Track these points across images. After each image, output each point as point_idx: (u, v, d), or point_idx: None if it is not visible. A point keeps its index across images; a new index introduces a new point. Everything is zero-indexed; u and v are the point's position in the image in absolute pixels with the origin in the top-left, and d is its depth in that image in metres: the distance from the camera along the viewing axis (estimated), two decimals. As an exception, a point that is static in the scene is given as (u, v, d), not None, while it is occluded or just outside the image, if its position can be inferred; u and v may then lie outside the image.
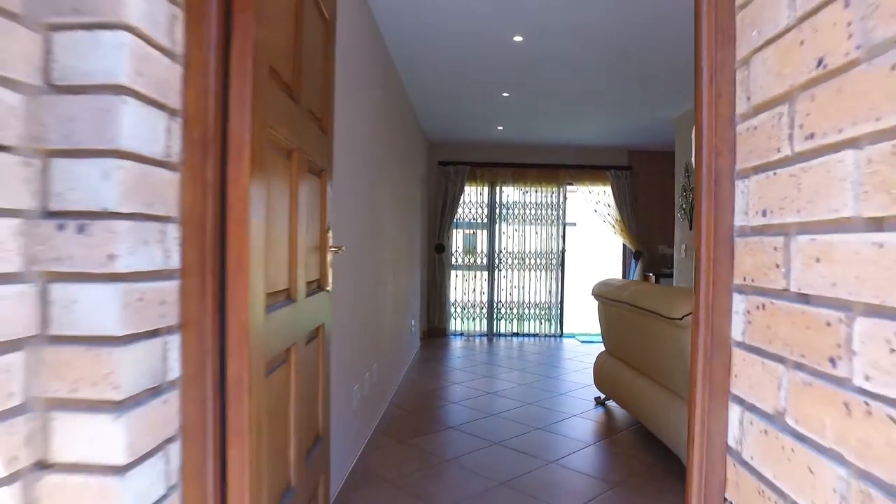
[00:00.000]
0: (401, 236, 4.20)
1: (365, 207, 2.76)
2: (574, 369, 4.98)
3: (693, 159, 0.92)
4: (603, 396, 3.84)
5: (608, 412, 3.69)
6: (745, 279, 0.79)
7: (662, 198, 6.01)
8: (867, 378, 0.54)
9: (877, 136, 0.53)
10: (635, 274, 6.29)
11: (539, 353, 5.72)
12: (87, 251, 0.75)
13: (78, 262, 0.75)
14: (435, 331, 6.35)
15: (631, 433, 3.25)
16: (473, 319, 6.59)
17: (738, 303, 0.81)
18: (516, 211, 6.57)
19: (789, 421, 0.67)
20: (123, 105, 0.75)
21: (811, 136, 0.64)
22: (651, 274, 6.02)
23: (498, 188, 6.53)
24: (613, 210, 6.36)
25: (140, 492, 0.79)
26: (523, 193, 6.54)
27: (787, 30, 0.69)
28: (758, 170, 0.76)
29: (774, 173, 0.72)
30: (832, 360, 0.59)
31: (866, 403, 0.54)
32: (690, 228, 4.94)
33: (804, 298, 0.65)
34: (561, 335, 6.58)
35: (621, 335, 3.35)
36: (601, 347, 3.95)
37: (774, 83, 0.72)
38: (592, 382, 3.97)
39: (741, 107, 0.81)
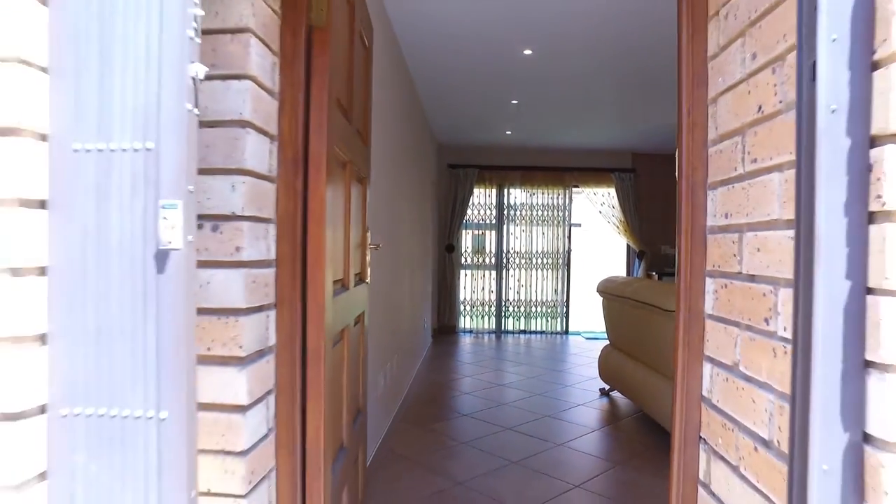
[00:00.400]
0: (415, 236, 4.45)
1: (386, 209, 3.02)
2: (579, 364, 5.22)
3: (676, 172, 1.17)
4: (607, 387, 4.08)
5: (612, 402, 3.94)
6: (713, 266, 1.05)
7: (665, 199, 6.25)
8: (784, 329, 0.79)
9: (789, 164, 0.78)
10: (639, 273, 6.52)
11: (546, 348, 5.96)
12: (220, 245, 1.01)
13: (213, 253, 1.01)
14: (445, 328, 6.60)
15: (633, 420, 3.50)
16: (482, 317, 6.85)
17: (709, 284, 1.06)
18: (523, 212, 6.82)
19: (741, 368, 0.92)
20: (247, 135, 1.01)
21: (755, 160, 0.89)
22: (654, 273, 6.26)
23: (506, 190, 6.78)
24: (618, 211, 6.61)
25: (254, 428, 1.05)
26: (530, 195, 6.79)
27: (741, 81, 0.94)
28: (722, 183, 1.02)
29: (733, 186, 0.97)
30: (766, 320, 0.84)
31: (784, 347, 0.79)
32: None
33: (751, 278, 0.90)
34: (566, 332, 6.82)
35: (624, 328, 3.60)
36: (605, 343, 4.20)
37: (732, 120, 0.97)
38: (597, 375, 4.21)
39: (711, 134, 1.07)
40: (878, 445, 0.60)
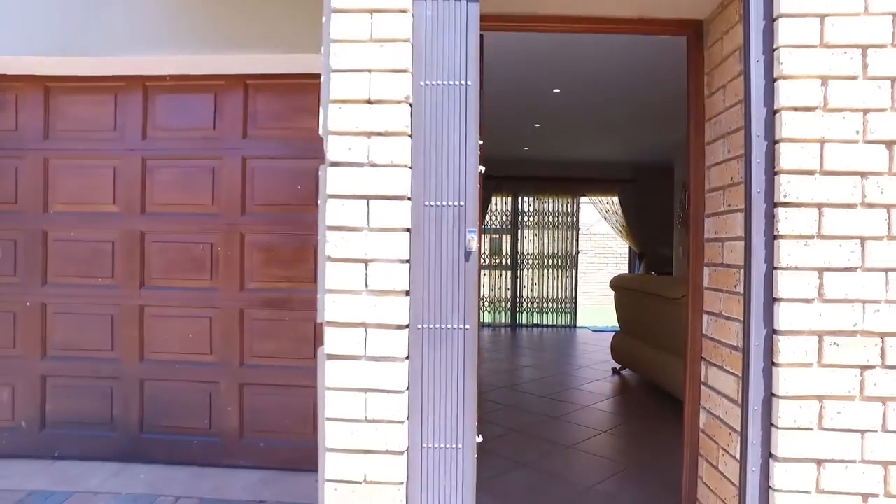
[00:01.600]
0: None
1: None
2: (590, 350, 6.08)
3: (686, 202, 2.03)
4: (619, 367, 4.94)
5: (623, 378, 4.80)
6: (708, 260, 1.90)
7: (661, 207, 7.14)
8: (741, 290, 1.64)
9: (742, 210, 1.63)
10: (639, 272, 7.41)
11: (558, 339, 6.83)
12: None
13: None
14: (466, 322, 7.42)
15: (640, 390, 4.37)
16: (499, 312, 7.69)
17: (706, 270, 1.92)
18: (536, 218, 7.68)
19: (724, 313, 1.77)
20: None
21: (729, 205, 1.74)
22: (653, 272, 7.15)
23: (520, 198, 7.64)
24: (620, 217, 7.49)
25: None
26: (542, 203, 7.65)
27: (722, 162, 1.79)
28: (713, 215, 1.87)
29: (718, 217, 1.82)
30: (735, 286, 1.69)
31: (741, 298, 1.64)
32: (687, 234, 6.06)
33: (727, 266, 1.75)
34: (575, 326, 7.69)
35: (635, 315, 4.46)
36: (610, 336, 5.06)
37: (717, 182, 1.82)
38: (608, 359, 5.07)
39: (706, 187, 1.92)
40: (780, 333, 1.46)
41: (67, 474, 2.74)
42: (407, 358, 1.50)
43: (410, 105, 1.49)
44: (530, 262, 7.69)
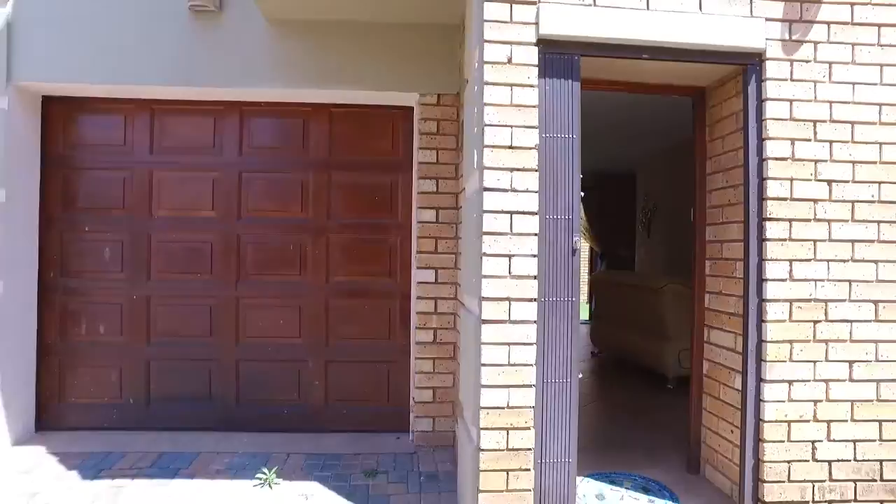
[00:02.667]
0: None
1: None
2: (567, 338, 6.99)
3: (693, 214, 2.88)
4: (597, 350, 5.86)
5: (600, 359, 5.72)
6: (709, 256, 2.76)
7: (623, 212, 8.20)
8: (739, 275, 2.50)
9: (741, 220, 2.49)
10: (601, 270, 8.44)
11: (535, 330, 7.71)
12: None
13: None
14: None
15: (615, 367, 5.29)
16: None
17: (707, 264, 2.78)
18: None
19: (723, 292, 2.63)
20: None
21: (727, 219, 2.60)
22: (614, 270, 8.19)
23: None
24: (584, 221, 8.49)
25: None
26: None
27: (719, 188, 2.66)
28: (712, 224, 2.73)
29: (717, 226, 2.69)
30: (733, 272, 2.55)
31: (738, 280, 2.49)
32: (648, 237, 7.11)
33: (726, 259, 2.61)
34: (545, 318, 8.60)
35: (619, 305, 5.38)
36: (585, 323, 5.97)
37: (717, 202, 2.69)
38: (585, 344, 5.98)
39: (708, 204, 2.78)
40: (767, 301, 2.32)
41: (180, 441, 3.24)
42: (535, 322, 2.22)
43: (537, 150, 2.22)
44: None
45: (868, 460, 2.37)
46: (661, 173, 6.74)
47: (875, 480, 2.37)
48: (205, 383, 3.41)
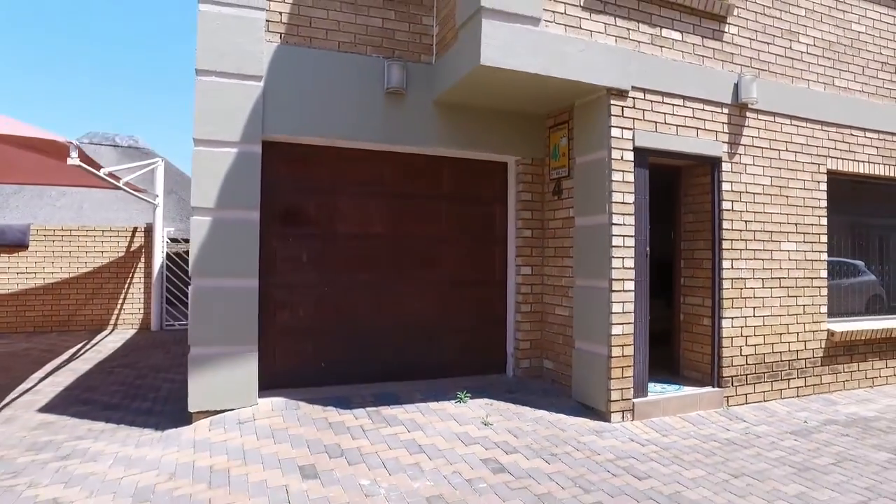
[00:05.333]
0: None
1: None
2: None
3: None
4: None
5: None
6: (682, 258, 5.24)
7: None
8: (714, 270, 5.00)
9: (705, 248, 4.98)
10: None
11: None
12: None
13: (609, 255, 4.75)
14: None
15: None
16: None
17: (682, 264, 5.25)
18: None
19: (694, 276, 5.11)
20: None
21: (696, 242, 5.09)
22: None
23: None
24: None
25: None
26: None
27: (693, 223, 5.15)
28: (685, 247, 5.21)
29: (690, 248, 5.17)
30: (702, 265, 5.04)
31: (706, 271, 4.98)
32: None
33: (699, 261, 5.09)
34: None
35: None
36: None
37: (691, 231, 5.18)
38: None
39: (682, 232, 5.27)
40: (724, 279, 4.83)
41: (374, 387, 4.78)
42: (633, 290, 4.40)
43: (634, 204, 4.41)
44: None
45: (763, 352, 5.02)
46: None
47: (762, 363, 5.03)
48: (374, 348, 4.93)
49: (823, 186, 5.37)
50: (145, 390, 5.34)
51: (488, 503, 3.08)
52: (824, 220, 5.37)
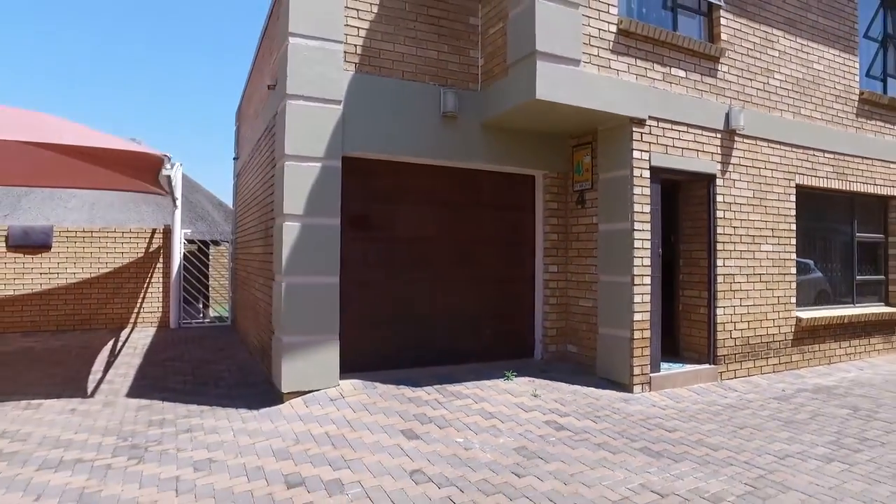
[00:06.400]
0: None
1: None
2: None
3: (672, 239, 6.38)
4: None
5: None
6: (682, 261, 6.28)
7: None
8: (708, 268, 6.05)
9: (702, 249, 6.03)
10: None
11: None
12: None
13: (626, 255, 5.72)
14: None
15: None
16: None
17: (682, 262, 6.29)
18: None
19: (693, 273, 6.16)
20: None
21: (693, 246, 6.13)
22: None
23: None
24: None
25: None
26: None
27: (691, 228, 6.19)
28: (685, 248, 6.25)
29: (689, 249, 6.22)
30: (700, 263, 6.09)
31: (703, 270, 6.03)
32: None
33: (697, 260, 6.14)
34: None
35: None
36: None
37: (690, 234, 6.22)
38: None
39: (682, 237, 6.31)
40: (718, 275, 5.89)
41: (429, 370, 5.56)
42: (650, 284, 5.37)
43: (650, 213, 5.38)
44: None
45: (748, 335, 6.11)
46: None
47: (747, 345, 6.12)
48: (428, 336, 5.72)
49: (793, 198, 6.54)
50: (208, 379, 5.93)
51: (562, 451, 3.95)
52: (794, 226, 6.54)
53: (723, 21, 5.99)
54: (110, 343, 7.94)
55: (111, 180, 7.68)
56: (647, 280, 5.38)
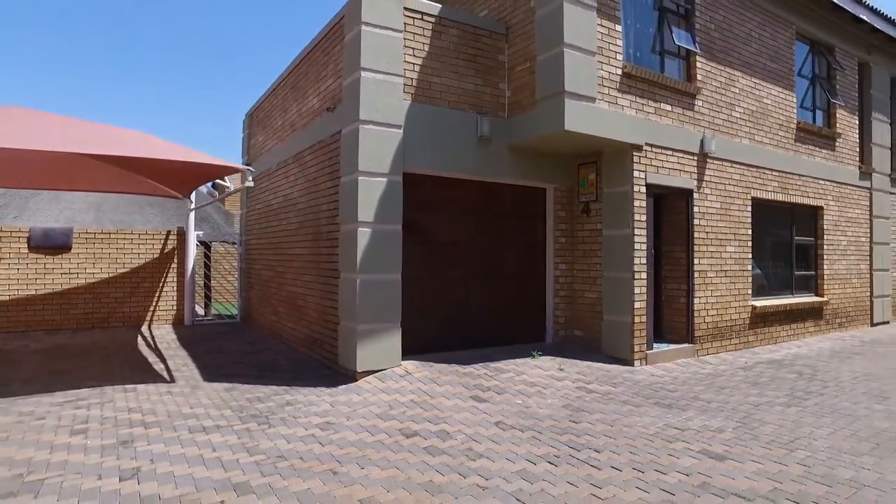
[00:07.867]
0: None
1: (524, 241, 8.77)
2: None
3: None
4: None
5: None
6: (664, 257, 7.72)
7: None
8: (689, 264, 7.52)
9: (682, 251, 7.49)
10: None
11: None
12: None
13: (625, 255, 7.08)
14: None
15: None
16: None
17: (664, 261, 7.73)
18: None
19: (674, 270, 7.61)
20: (628, 237, 7.14)
21: (675, 249, 7.59)
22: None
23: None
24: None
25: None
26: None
27: (674, 238, 7.64)
28: (667, 251, 7.70)
29: (671, 252, 7.66)
30: (680, 262, 7.54)
31: (683, 267, 7.50)
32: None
33: (676, 259, 7.59)
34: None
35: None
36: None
37: (673, 238, 7.68)
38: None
39: (667, 246, 7.75)
40: (694, 271, 7.36)
41: (465, 353, 6.70)
42: (645, 279, 6.73)
43: (645, 222, 6.74)
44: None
45: (717, 320, 7.63)
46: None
47: (716, 328, 7.64)
48: (464, 324, 6.83)
49: (749, 208, 8.15)
50: (265, 366, 6.78)
51: (598, 406, 5.19)
52: (750, 232, 8.15)
53: (698, 64, 7.47)
54: (139, 339, 8.52)
55: (147, 186, 8.27)
56: (643, 275, 6.75)
